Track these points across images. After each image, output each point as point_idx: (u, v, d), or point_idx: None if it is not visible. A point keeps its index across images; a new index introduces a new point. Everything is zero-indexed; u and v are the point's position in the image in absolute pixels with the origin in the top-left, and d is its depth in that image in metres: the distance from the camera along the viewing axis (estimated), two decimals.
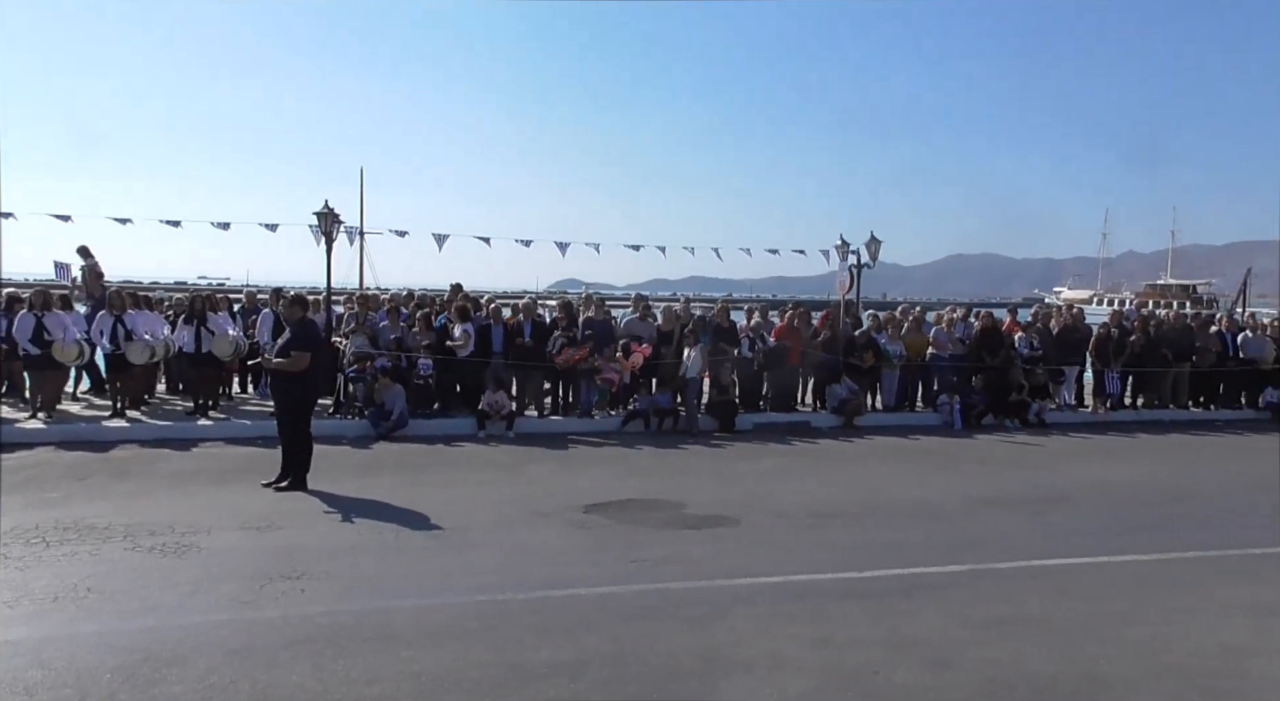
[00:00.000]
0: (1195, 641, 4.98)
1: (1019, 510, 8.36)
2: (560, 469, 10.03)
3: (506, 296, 21.29)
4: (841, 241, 15.61)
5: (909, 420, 13.99)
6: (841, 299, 15.09)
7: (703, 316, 14.21)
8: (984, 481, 9.83)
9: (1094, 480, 9.99)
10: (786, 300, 18.16)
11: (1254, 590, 5.93)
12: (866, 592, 5.82)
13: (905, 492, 9.11)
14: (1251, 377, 15.81)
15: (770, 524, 7.63)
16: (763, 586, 5.90)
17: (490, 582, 5.85)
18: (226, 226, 18.90)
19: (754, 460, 10.86)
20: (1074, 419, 14.64)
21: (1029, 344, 14.91)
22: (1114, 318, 16.32)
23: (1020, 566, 6.47)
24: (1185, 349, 15.60)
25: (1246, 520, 8.02)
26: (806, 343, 13.93)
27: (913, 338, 14.47)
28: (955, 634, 5.10)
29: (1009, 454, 11.86)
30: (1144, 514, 8.32)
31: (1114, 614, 5.45)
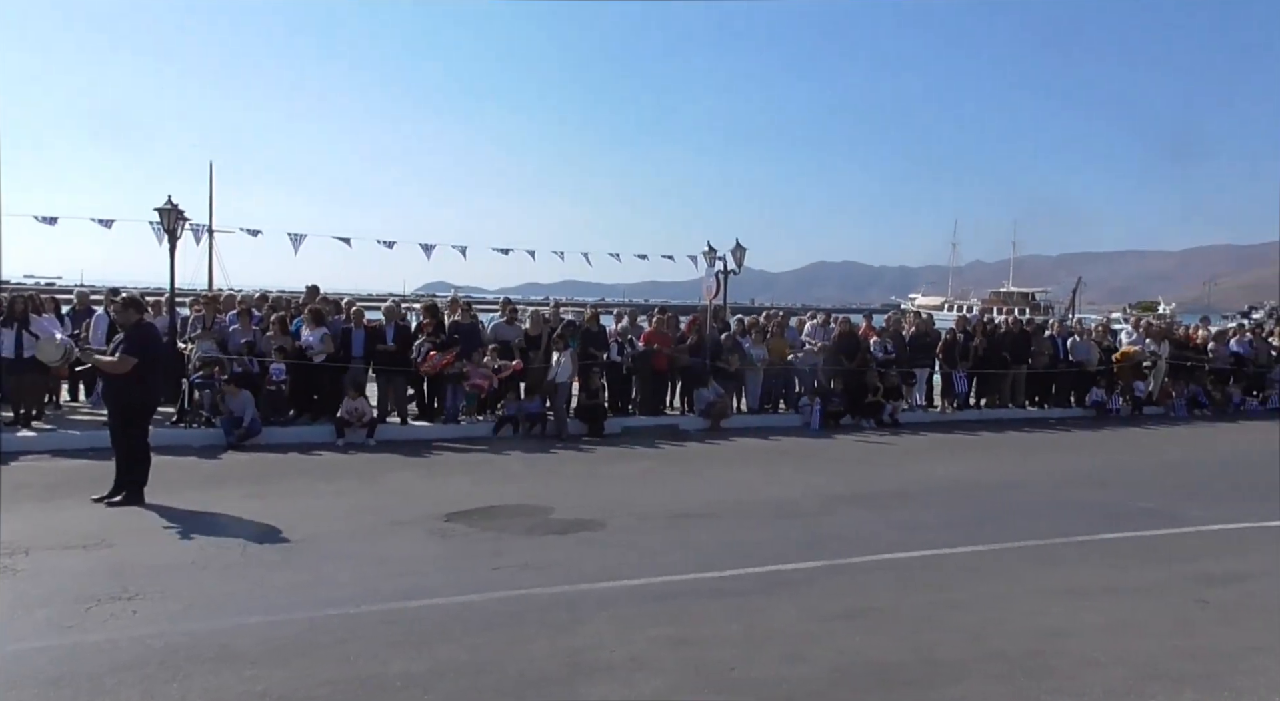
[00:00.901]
0: (1020, 624, 5.33)
1: (871, 506, 8.74)
2: (423, 476, 9.79)
3: (370, 299, 20.60)
4: (709, 247, 15.94)
5: (772, 422, 14.43)
6: (709, 304, 15.41)
7: (572, 321, 14.20)
8: (840, 479, 10.23)
9: (940, 476, 10.58)
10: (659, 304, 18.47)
11: (1072, 575, 6.41)
12: (726, 591, 5.93)
13: (766, 492, 9.37)
14: (1079, 379, 17.16)
15: (635, 526, 7.68)
16: (625, 589, 5.93)
17: (342, 596, 5.63)
18: (53, 221, 17.47)
19: (622, 463, 10.93)
20: (924, 418, 15.48)
21: (884, 348, 15.67)
22: (960, 323, 17.36)
23: (870, 560, 6.75)
24: (1022, 352, 16.77)
25: (1069, 511, 8.65)
26: (674, 347, 14.16)
27: (775, 342, 14.94)
28: (809, 627, 5.27)
29: (864, 453, 12.40)
30: (982, 507, 8.86)
31: (951, 602, 5.77)
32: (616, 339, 13.86)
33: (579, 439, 12.45)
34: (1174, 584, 6.19)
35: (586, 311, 14.66)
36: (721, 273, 15.51)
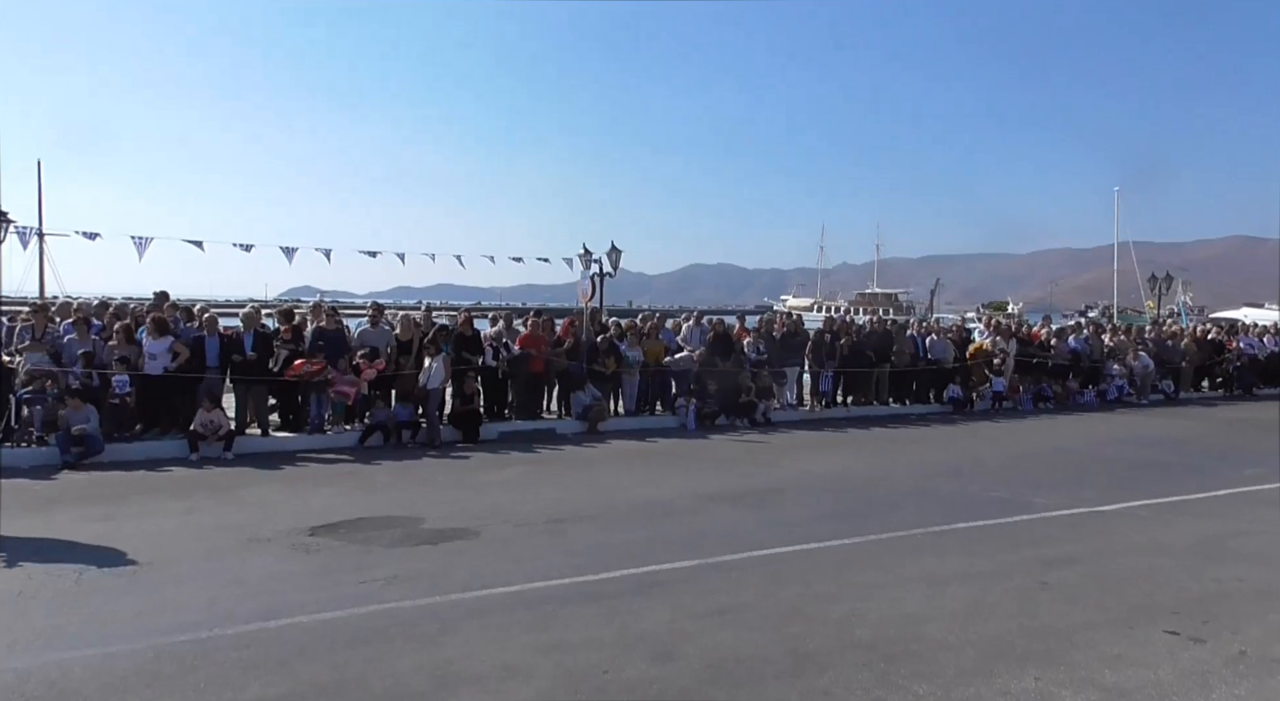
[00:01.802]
0: (883, 613, 5.54)
1: (744, 504, 8.91)
2: (285, 490, 9.34)
3: (228, 306, 19.53)
4: (584, 250, 15.94)
5: (649, 423, 14.54)
6: (585, 306, 15.40)
7: (445, 325, 13.90)
8: (715, 479, 10.39)
9: (810, 472, 10.91)
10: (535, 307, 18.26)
11: (932, 563, 6.71)
12: (600, 594, 5.91)
13: (643, 494, 9.41)
14: (937, 376, 18.08)
15: (509, 533, 7.56)
16: (498, 597, 5.82)
17: (193, 620, 5.27)
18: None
19: (497, 469, 10.75)
20: (795, 417, 15.95)
21: (756, 348, 16.05)
22: (827, 323, 17.99)
23: (743, 557, 6.86)
24: (885, 351, 17.53)
25: (929, 502, 9.08)
26: (551, 350, 14.06)
27: (652, 344, 15.07)
28: (681, 626, 5.30)
29: (738, 452, 12.65)
30: (848, 501, 9.18)
31: (819, 594, 5.93)
32: (491, 343, 13.65)
33: (452, 446, 12.18)
34: (1020, 567, 6.57)
35: (460, 315, 14.38)
36: (597, 275, 15.54)
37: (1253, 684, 4.45)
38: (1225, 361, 21.92)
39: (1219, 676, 4.54)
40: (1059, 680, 4.48)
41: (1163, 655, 4.82)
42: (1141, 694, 4.32)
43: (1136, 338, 21.99)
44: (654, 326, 15.68)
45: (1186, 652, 4.86)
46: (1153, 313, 50.17)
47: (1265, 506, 8.91)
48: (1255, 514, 8.52)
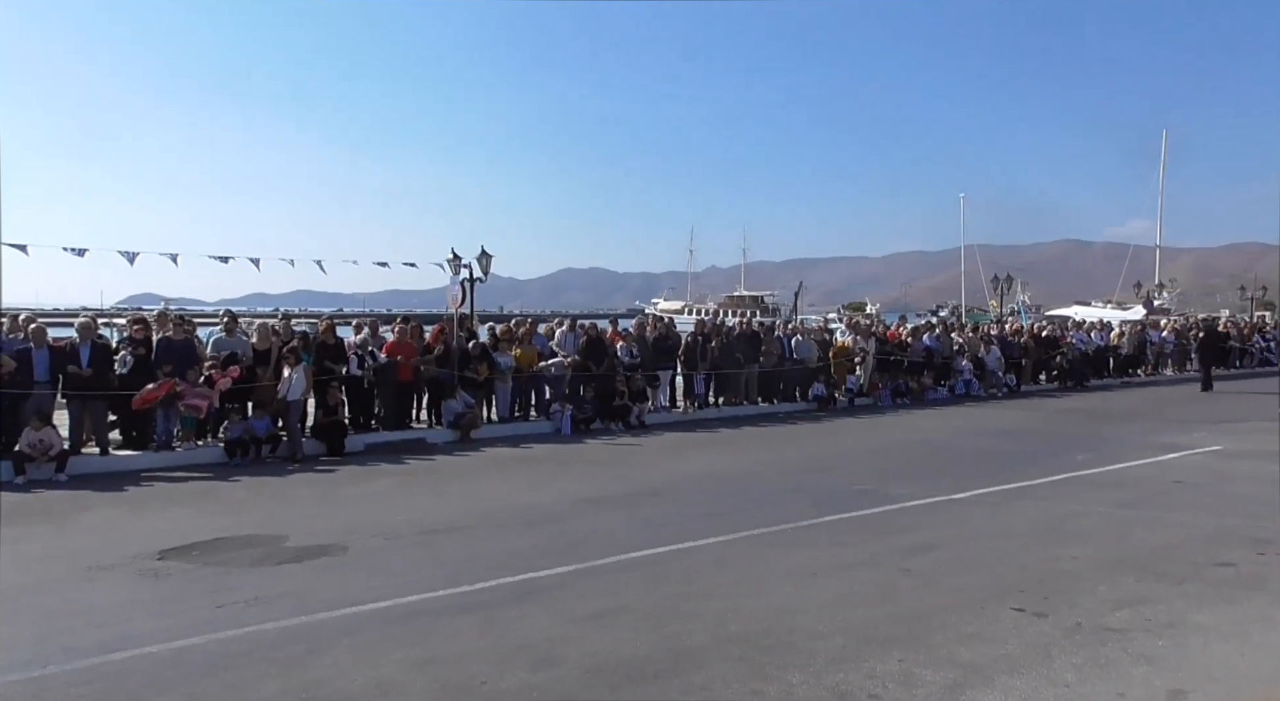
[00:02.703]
0: (758, 607, 5.68)
1: (622, 507, 8.94)
2: (130, 512, 8.72)
3: (58, 315, 18.05)
4: (453, 255, 15.63)
5: (523, 430, 14.40)
6: (454, 312, 15.10)
7: (305, 333, 13.32)
8: (591, 483, 10.39)
9: (685, 473, 11.06)
10: (402, 314, 17.69)
11: (803, 556, 6.93)
12: (476, 604, 5.79)
13: (518, 501, 9.31)
14: (803, 375, 18.72)
15: (380, 547, 7.31)
16: (368, 613, 5.61)
17: (24, 658, 4.83)
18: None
19: (364, 482, 10.39)
20: (668, 418, 16.16)
21: (629, 352, 16.17)
22: (698, 326, 18.33)
23: (620, 560, 6.88)
24: (754, 352, 18.01)
25: (799, 497, 9.38)
26: (420, 358, 13.71)
27: (524, 349, 14.94)
28: (561, 632, 5.27)
29: (613, 455, 12.71)
30: (722, 499, 9.37)
31: (696, 593, 6.02)
32: (356, 351, 13.18)
33: (316, 459, 11.68)
34: (884, 556, 6.88)
35: (322, 323, 13.81)
36: (467, 280, 15.26)
37: (1088, 652, 4.81)
38: (1059, 356, 23.69)
39: (1059, 647, 4.89)
40: (920, 660, 4.71)
41: (1010, 631, 5.15)
42: (993, 667, 4.60)
43: (984, 335, 23.47)
44: (526, 332, 15.55)
45: (1031, 627, 5.21)
46: (996, 311, 53.74)
47: (1095, 489, 9.67)
48: (1087, 496, 9.24)
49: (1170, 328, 29.63)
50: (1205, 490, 9.50)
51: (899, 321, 23.95)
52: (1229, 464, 11.18)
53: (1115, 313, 46.75)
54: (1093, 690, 4.33)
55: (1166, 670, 4.55)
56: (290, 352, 11.99)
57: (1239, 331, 32.01)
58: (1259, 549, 6.93)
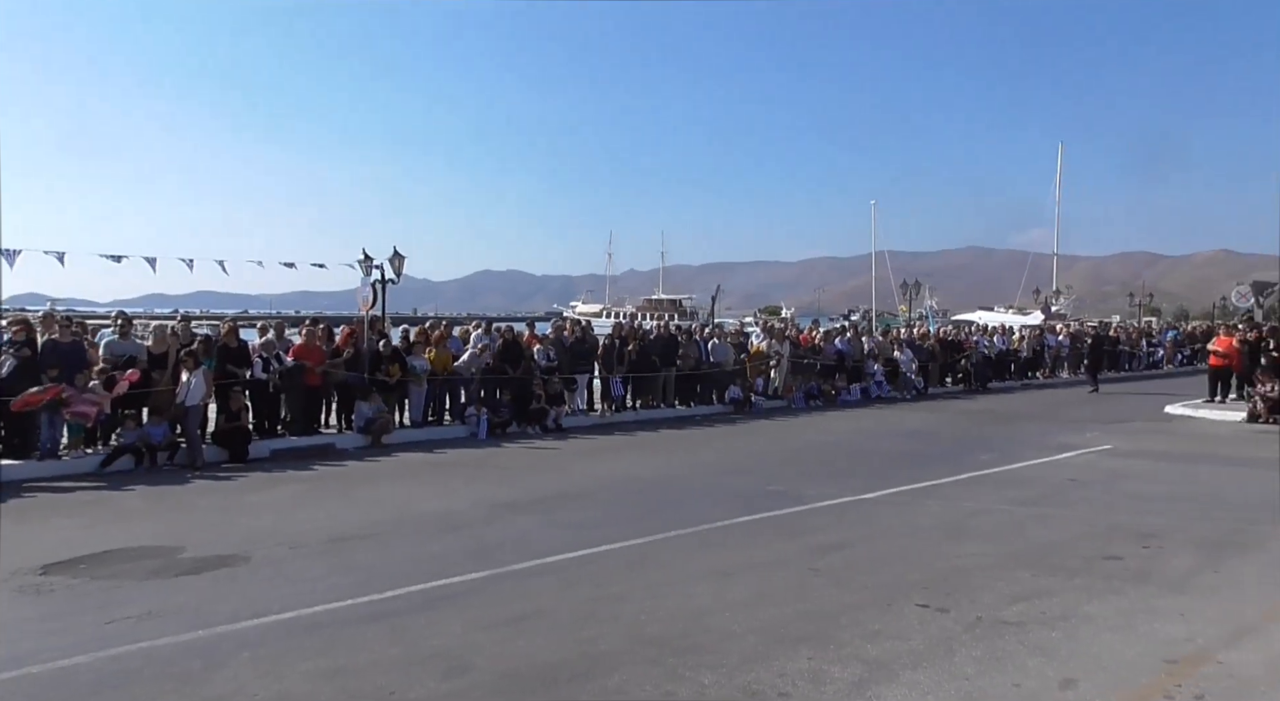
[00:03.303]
0: (672, 609, 5.70)
1: (538, 511, 8.87)
2: (8, 525, 8.20)
3: None
4: (365, 255, 15.26)
5: (437, 434, 14.16)
6: (365, 314, 14.75)
7: (207, 335, 12.80)
8: (506, 487, 10.28)
9: (601, 476, 11.05)
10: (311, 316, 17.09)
11: (717, 557, 7.00)
12: (386, 613, 5.66)
13: (432, 506, 9.14)
14: (719, 378, 18.93)
15: (285, 556, 7.07)
16: (272, 625, 5.42)
17: None
18: None
19: (269, 490, 10.04)
20: (586, 422, 16.12)
21: (546, 355, 16.07)
22: (616, 329, 18.35)
23: (536, 564, 6.83)
24: (671, 355, 18.13)
25: (714, 498, 9.46)
26: (329, 361, 13.34)
27: (439, 352, 14.69)
28: (473, 639, 5.19)
29: (530, 459, 12.60)
30: (640, 502, 9.39)
31: (611, 596, 6.01)
32: (261, 354, 12.73)
33: (218, 466, 11.24)
34: (796, 556, 6.99)
35: (224, 325, 13.29)
36: (379, 282, 14.92)
37: (987, 645, 4.99)
38: (964, 359, 24.59)
39: (960, 641, 5.06)
40: (828, 657, 4.81)
41: (915, 627, 5.30)
42: (898, 663, 4.73)
43: (894, 339, 24.17)
44: (441, 334, 15.30)
45: (934, 622, 5.38)
46: (905, 316, 55.40)
47: (996, 487, 10.06)
48: (989, 494, 9.60)
49: (1065, 332, 31.08)
50: (1096, 488, 9.98)
51: (812, 325, 24.45)
52: (1118, 462, 11.78)
53: (1016, 318, 48.83)
54: (990, 682, 4.49)
55: (1059, 660, 4.76)
56: (189, 355, 11.49)
57: (1128, 336, 33.81)
58: (1144, 543, 7.31)
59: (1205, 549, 7.11)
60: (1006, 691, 4.39)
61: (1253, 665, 4.67)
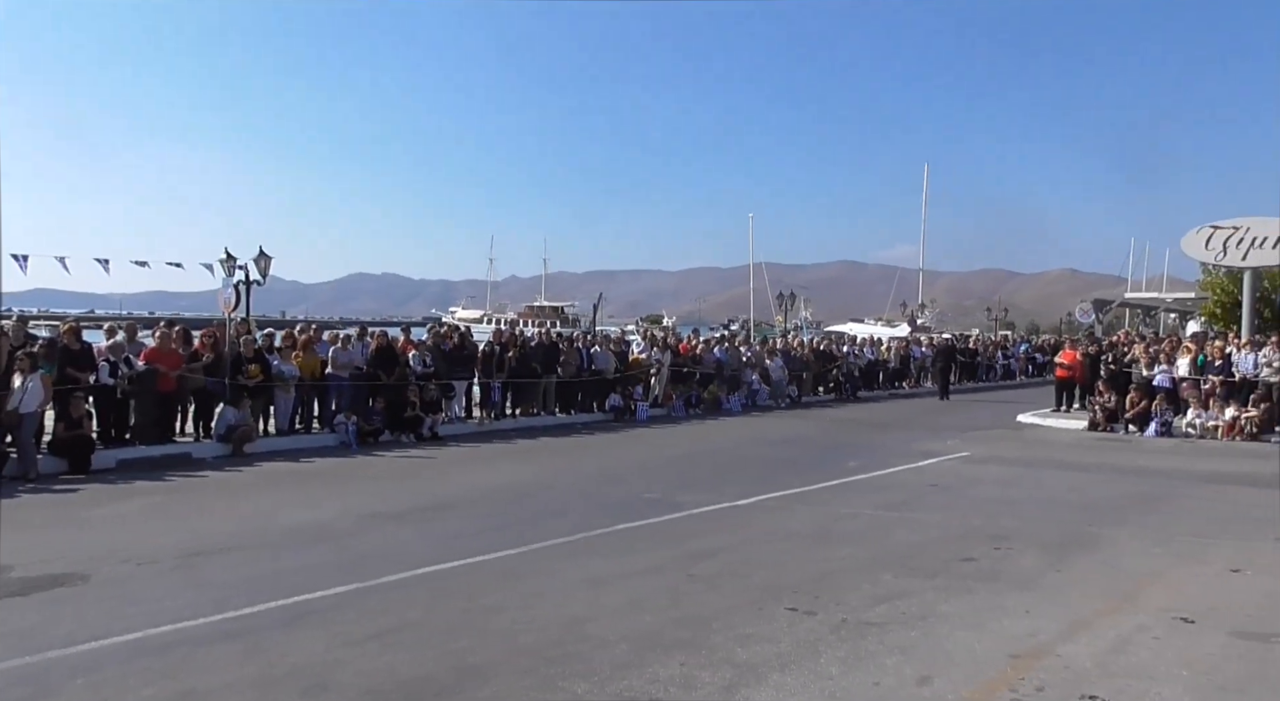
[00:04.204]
0: (546, 618, 5.64)
1: (410, 522, 8.62)
2: None
3: None
4: (227, 255, 14.51)
5: (304, 443, 13.58)
6: (227, 317, 14.00)
7: (48, 337, 11.86)
8: (377, 497, 9.95)
9: (478, 485, 10.85)
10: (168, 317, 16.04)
11: (593, 565, 6.97)
12: (242, 631, 5.36)
13: (296, 518, 8.75)
14: (600, 386, 18.96)
15: (130, 574, 6.61)
16: (113, 647, 5.04)
17: None
18: None
19: (114, 503, 9.37)
20: (464, 429, 15.82)
21: (422, 361, 15.68)
22: (496, 335, 18.10)
23: (406, 576, 6.62)
24: (552, 362, 18.02)
25: (592, 506, 9.45)
26: (186, 365, 12.59)
27: (306, 357, 14.10)
28: (336, 655, 4.98)
29: (403, 468, 12.25)
30: (516, 511, 9.26)
31: (484, 607, 5.89)
32: (108, 358, 11.87)
33: (56, 478, 10.42)
34: (672, 562, 7.05)
35: (64, 326, 12.33)
36: (243, 282, 14.21)
37: (850, 646, 5.16)
38: (836, 369, 25.50)
39: (826, 642, 5.21)
40: (700, 662, 4.86)
41: (784, 629, 5.42)
42: (767, 666, 4.82)
43: (770, 348, 24.83)
44: (311, 338, 14.69)
45: (802, 625, 5.52)
46: (781, 326, 57.07)
47: (864, 493, 10.45)
48: (856, 499, 9.96)
49: (929, 344, 32.71)
50: (955, 493, 10.52)
51: (692, 334, 24.84)
52: (975, 468, 12.45)
53: (884, 330, 51.04)
54: (853, 681, 4.64)
55: (916, 658, 4.96)
56: (25, 358, 10.59)
57: (985, 348, 35.89)
58: (996, 544, 7.74)
59: (1049, 549, 7.59)
60: (867, 690, 4.54)
61: (1085, 657, 5.00)
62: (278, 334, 14.74)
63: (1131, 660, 4.95)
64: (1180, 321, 47.87)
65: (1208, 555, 7.45)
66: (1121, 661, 4.93)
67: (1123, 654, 5.05)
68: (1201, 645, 5.21)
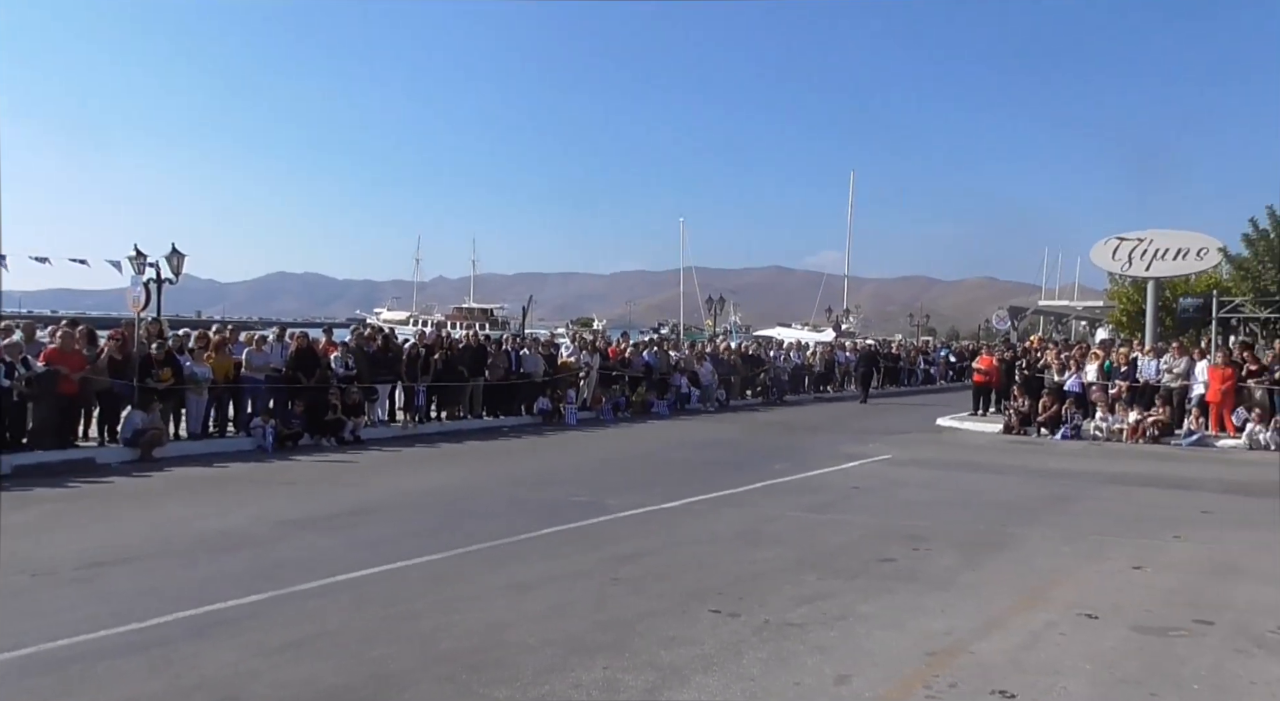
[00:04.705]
0: (467, 625, 5.54)
1: (329, 528, 8.40)
2: None
3: None
4: (136, 252, 13.92)
5: (218, 447, 13.13)
6: (136, 316, 13.44)
7: None
8: (295, 503, 9.68)
9: (400, 490, 10.65)
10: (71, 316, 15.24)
11: (518, 570, 6.89)
12: (147, 643, 5.13)
13: (208, 525, 8.44)
14: (529, 389, 18.81)
15: (25, 586, 6.27)
16: (3, 664, 4.77)
17: None
18: None
19: (10, 511, 8.85)
20: (387, 433, 15.51)
21: (344, 364, 15.32)
22: (420, 337, 17.80)
23: (324, 584, 6.44)
24: (479, 365, 17.81)
25: (519, 510, 9.36)
26: (91, 366, 12.02)
27: (220, 359, 13.61)
28: (249, 666, 4.81)
29: (323, 473, 11.94)
30: (439, 516, 9.11)
31: (404, 613, 5.77)
32: (3, 358, 11.25)
33: None
34: (597, 566, 7.02)
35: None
36: (154, 281, 13.65)
37: (772, 647, 5.21)
38: (763, 373, 25.85)
39: (749, 643, 5.25)
40: (623, 666, 4.84)
41: (708, 631, 5.45)
42: (690, 668, 4.83)
43: (699, 352, 25.02)
44: (226, 338, 14.20)
45: (726, 627, 5.55)
46: (710, 330, 57.57)
47: (789, 495, 10.60)
48: (782, 501, 10.09)
49: (853, 349, 33.44)
50: (877, 494, 10.75)
51: (622, 337, 24.87)
52: (896, 471, 12.76)
53: (811, 334, 52.00)
54: (774, 681, 4.68)
55: (835, 658, 5.03)
56: None
57: (907, 354, 36.85)
58: (915, 545, 7.93)
59: (966, 549, 7.81)
60: (787, 690, 4.59)
61: (997, 653, 5.15)
62: (191, 334, 14.20)
63: (1040, 655, 5.12)
64: (1090, 328, 50.01)
65: (1112, 553, 7.77)
66: (1031, 657, 5.09)
67: (1032, 650, 5.22)
68: (1104, 639, 5.42)
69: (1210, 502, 10.51)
